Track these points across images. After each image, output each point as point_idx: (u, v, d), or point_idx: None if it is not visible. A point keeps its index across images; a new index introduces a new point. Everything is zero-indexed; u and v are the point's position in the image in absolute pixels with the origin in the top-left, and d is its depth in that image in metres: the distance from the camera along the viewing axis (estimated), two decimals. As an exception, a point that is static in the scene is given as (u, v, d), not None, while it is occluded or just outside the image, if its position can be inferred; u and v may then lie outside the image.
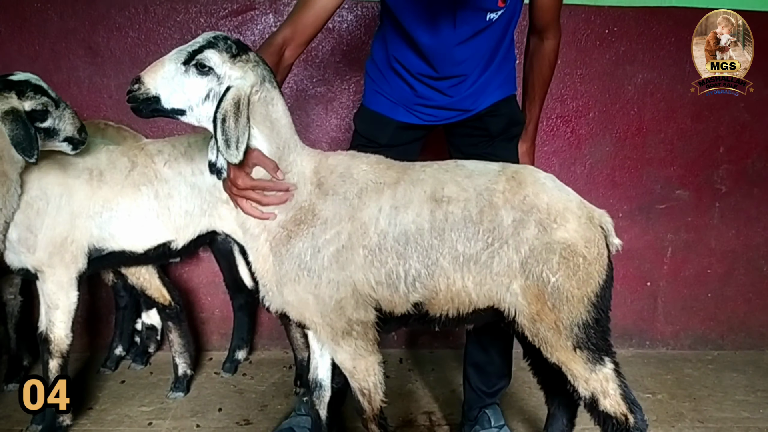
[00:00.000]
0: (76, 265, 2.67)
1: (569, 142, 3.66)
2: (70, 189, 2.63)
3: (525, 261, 1.88)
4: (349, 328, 1.97)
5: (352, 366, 2.05)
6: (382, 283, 1.92)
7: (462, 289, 1.92)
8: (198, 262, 3.65)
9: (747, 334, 3.94)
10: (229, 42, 1.84)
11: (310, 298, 1.93)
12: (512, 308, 1.94)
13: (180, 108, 1.84)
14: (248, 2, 3.43)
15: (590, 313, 1.91)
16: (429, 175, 1.98)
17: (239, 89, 1.80)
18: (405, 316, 2.02)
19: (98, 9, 3.39)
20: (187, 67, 1.80)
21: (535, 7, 2.38)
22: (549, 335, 1.92)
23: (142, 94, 1.80)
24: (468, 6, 2.19)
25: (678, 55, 3.57)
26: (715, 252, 3.82)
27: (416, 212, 1.91)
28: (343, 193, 1.94)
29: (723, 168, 3.73)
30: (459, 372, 3.46)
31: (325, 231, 1.91)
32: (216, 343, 3.72)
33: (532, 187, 1.93)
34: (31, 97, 2.43)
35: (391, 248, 1.90)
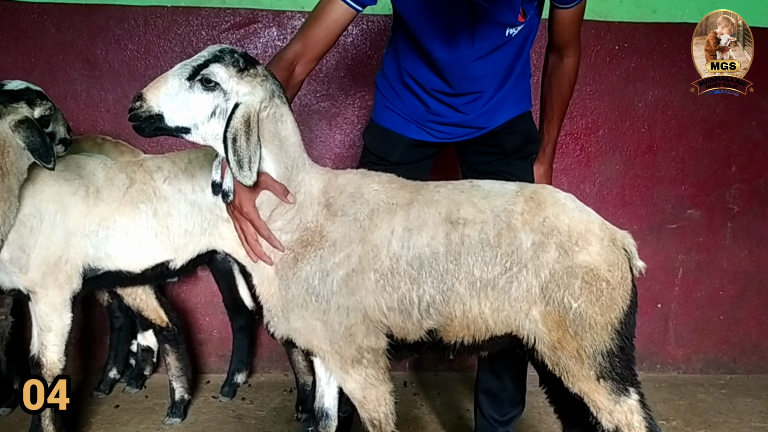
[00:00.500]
0: (70, 286, 2.56)
1: (578, 160, 3.58)
2: (65, 206, 2.52)
3: (545, 286, 1.79)
4: (359, 356, 1.87)
5: (362, 396, 1.94)
6: (394, 309, 1.83)
7: (479, 316, 1.83)
8: (196, 281, 3.54)
9: (760, 358, 3.84)
10: (236, 55, 1.75)
11: (318, 325, 1.84)
12: (531, 335, 1.84)
13: (185, 126, 1.74)
14: (251, 15, 3.36)
15: (614, 340, 1.81)
16: (444, 195, 1.90)
17: (249, 106, 1.71)
18: (418, 344, 1.93)
19: (96, 20, 3.31)
20: (191, 83, 1.70)
21: (555, 23, 2.30)
22: (571, 364, 1.82)
23: (145, 112, 1.71)
24: (487, 20, 2.11)
25: (689, 72, 3.48)
26: (727, 273, 3.73)
27: (431, 235, 1.83)
28: (353, 214, 1.85)
29: (735, 187, 3.65)
30: (466, 396, 3.37)
31: (334, 254, 1.82)
32: (214, 366, 3.60)
33: (552, 208, 1.85)
34: (38, 104, 2.43)
35: (404, 272, 1.82)
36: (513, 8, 2.11)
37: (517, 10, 2.12)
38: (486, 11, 2.08)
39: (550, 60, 2.42)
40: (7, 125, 2.32)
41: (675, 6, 3.46)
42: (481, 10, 2.08)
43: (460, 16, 2.12)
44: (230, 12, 3.34)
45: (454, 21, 2.13)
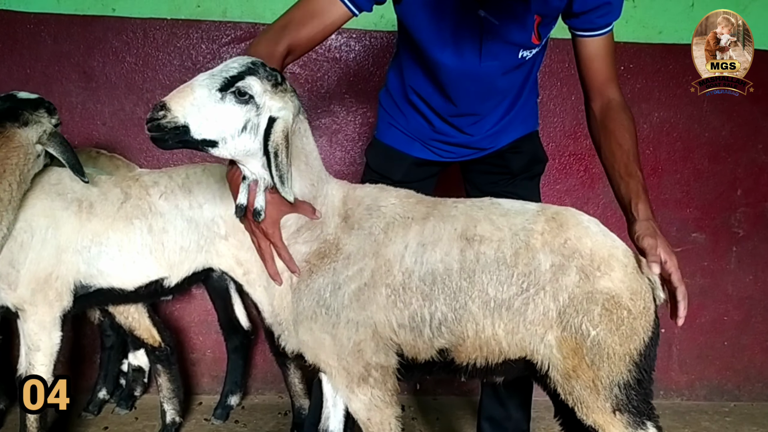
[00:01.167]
0: (60, 304, 2.47)
1: (582, 181, 3.52)
2: (57, 221, 2.45)
3: (563, 310, 1.71)
4: (366, 374, 1.79)
5: (366, 417, 1.85)
6: (405, 326, 1.77)
7: (492, 337, 1.75)
8: (190, 299, 3.46)
9: (765, 385, 3.77)
10: (269, 69, 1.66)
11: (327, 338, 1.78)
12: (546, 361, 1.75)
13: (212, 139, 1.62)
14: (252, 29, 3.31)
15: (632, 372, 1.72)
16: (461, 211, 1.83)
17: (286, 121, 1.65)
18: (429, 364, 1.84)
19: (94, 32, 3.26)
20: (223, 94, 1.60)
21: (586, 59, 2.07)
22: (585, 394, 1.73)
23: (169, 122, 1.57)
24: (497, 39, 2.03)
25: (695, 95, 3.43)
26: (732, 298, 3.67)
27: (445, 251, 1.76)
28: (368, 227, 1.80)
29: (740, 211, 3.60)
30: (466, 421, 3.29)
31: (348, 267, 1.76)
32: (207, 387, 3.50)
33: (575, 230, 1.76)
34: (53, 112, 2.42)
35: (416, 288, 1.75)
36: (526, 28, 2.03)
37: (531, 30, 2.03)
38: (496, 29, 2.01)
39: (593, 108, 2.08)
40: (34, 134, 2.27)
41: (681, 27, 3.42)
42: (490, 27, 2.01)
43: (469, 32, 2.04)
44: (231, 25, 3.30)
45: (463, 36, 2.05)
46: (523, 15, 1.99)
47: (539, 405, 3.45)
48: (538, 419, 3.36)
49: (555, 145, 3.48)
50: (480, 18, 1.99)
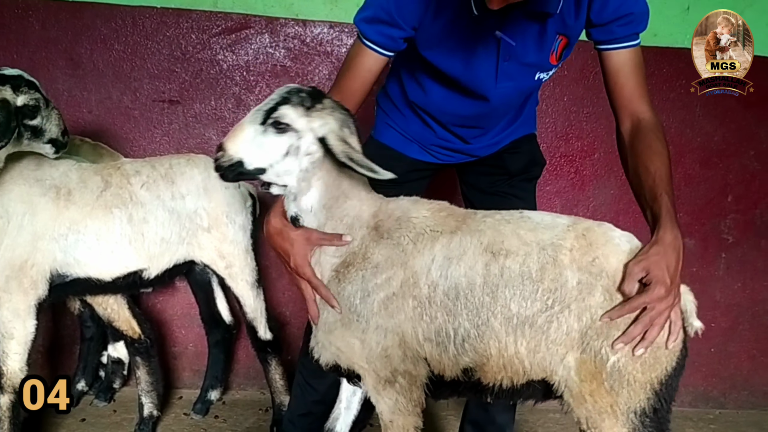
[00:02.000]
0: (35, 292, 2.44)
1: (572, 183, 3.49)
2: (34, 207, 2.41)
3: (585, 332, 1.65)
4: (392, 379, 1.82)
5: (389, 419, 1.89)
6: (431, 341, 1.77)
7: (515, 356, 1.71)
8: (173, 292, 3.42)
9: (750, 393, 3.74)
10: (303, 94, 1.78)
11: (357, 343, 1.83)
12: (563, 383, 1.71)
13: (262, 167, 1.78)
14: (243, 20, 3.27)
15: (650, 400, 1.67)
16: (489, 225, 1.80)
17: (333, 131, 1.76)
18: (455, 383, 1.83)
19: (83, 19, 3.21)
20: (265, 127, 1.76)
21: (614, 74, 1.96)
22: (599, 420, 1.69)
23: (226, 161, 1.76)
24: (513, 60, 2.00)
25: (688, 99, 3.45)
26: (719, 305, 3.64)
27: (469, 265, 1.74)
28: (397, 238, 1.82)
29: (730, 217, 3.58)
30: (448, 422, 3.28)
31: (376, 275, 1.80)
32: (187, 381, 3.46)
33: (603, 249, 1.69)
34: (25, 92, 2.36)
35: (441, 303, 1.75)
36: (543, 49, 1.99)
37: (548, 50, 1.99)
38: (512, 50, 1.97)
39: (622, 129, 1.96)
40: None
41: (676, 31, 3.40)
42: (507, 48, 1.97)
43: (486, 53, 2.00)
44: (222, 16, 3.25)
45: (479, 57, 2.01)
46: (541, 36, 1.96)
47: (522, 408, 3.44)
48: (521, 422, 3.34)
49: (546, 146, 3.44)
50: (497, 39, 1.96)
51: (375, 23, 1.97)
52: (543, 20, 1.91)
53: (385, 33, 1.98)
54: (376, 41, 2.00)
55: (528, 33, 1.94)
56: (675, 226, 1.68)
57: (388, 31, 1.98)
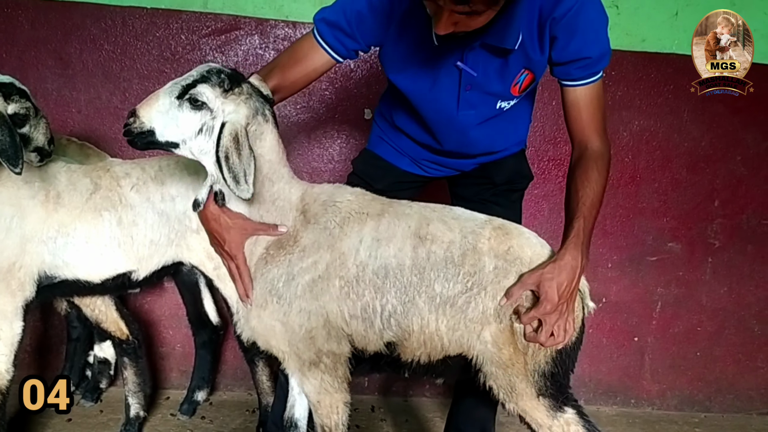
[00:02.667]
0: (22, 294, 2.42)
1: (561, 186, 3.49)
2: (22, 210, 2.39)
3: (499, 308, 1.84)
4: (317, 360, 1.91)
5: (316, 400, 1.98)
6: (357, 317, 1.88)
7: (435, 332, 1.87)
8: (161, 292, 3.42)
9: (735, 397, 3.78)
10: (223, 75, 1.81)
11: (278, 326, 1.90)
12: (481, 356, 1.88)
13: (174, 141, 1.84)
14: (233, 22, 3.26)
15: (549, 364, 1.89)
16: (415, 210, 1.95)
17: (234, 123, 1.78)
18: (377, 357, 1.95)
19: (72, 18, 3.20)
20: (180, 101, 1.80)
21: (570, 107, 2.01)
22: (516, 381, 1.88)
23: (137, 127, 1.81)
24: (475, 89, 2.04)
25: (676, 104, 3.47)
26: (705, 309, 3.67)
27: (398, 247, 1.87)
28: (324, 222, 1.91)
29: (717, 222, 3.60)
30: (435, 424, 3.28)
31: (302, 259, 1.88)
32: (175, 381, 3.47)
33: (518, 240, 1.90)
34: (15, 101, 2.33)
35: (369, 281, 1.86)
36: (505, 80, 2.03)
37: (510, 82, 2.03)
38: (474, 80, 2.01)
39: (572, 156, 2.03)
40: None
41: (664, 36, 3.42)
42: (469, 78, 2.01)
43: (448, 81, 2.04)
44: (212, 17, 3.25)
45: (441, 85, 2.06)
46: (503, 67, 2.00)
47: (509, 410, 3.46)
48: (507, 424, 3.35)
49: (534, 149, 3.46)
50: (458, 69, 2.00)
51: (334, 28, 2.01)
52: (504, 56, 1.96)
53: (340, 40, 2.02)
54: (330, 44, 2.04)
55: (490, 64, 1.98)
56: (578, 248, 1.82)
57: (344, 40, 2.02)
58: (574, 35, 1.89)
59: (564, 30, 1.88)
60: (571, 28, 1.88)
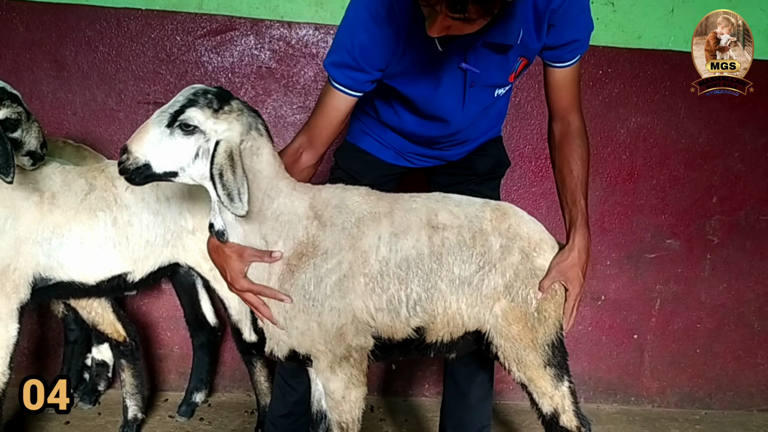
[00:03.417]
0: (17, 296, 2.42)
1: (558, 185, 3.49)
2: (16, 211, 2.39)
3: (509, 284, 1.97)
4: (347, 355, 1.97)
5: (342, 396, 2.01)
6: (382, 310, 1.94)
7: (456, 312, 1.98)
8: (159, 294, 3.41)
9: (736, 394, 3.76)
10: (210, 96, 1.80)
11: (315, 326, 1.94)
12: (493, 329, 2.00)
13: (172, 170, 1.82)
14: (228, 22, 3.26)
15: (557, 333, 2.04)
16: (421, 204, 2.03)
17: (229, 141, 1.78)
18: (406, 342, 2.02)
19: (67, 20, 3.20)
20: (171, 129, 1.78)
21: (553, 87, 2.15)
22: (524, 354, 2.01)
23: (132, 164, 1.79)
24: (478, 85, 2.09)
25: (673, 100, 3.46)
26: (705, 306, 3.66)
27: (415, 238, 1.96)
28: (341, 223, 1.95)
29: (715, 219, 3.59)
30: (434, 423, 3.25)
31: (327, 261, 1.92)
32: (173, 383, 3.46)
33: (514, 218, 2.04)
34: (7, 105, 2.32)
35: (393, 274, 1.93)
36: (505, 71, 2.08)
37: (509, 71, 2.08)
38: (477, 76, 2.05)
39: (554, 130, 2.19)
40: None
41: (660, 33, 3.41)
42: (473, 76, 2.05)
43: (452, 83, 2.07)
44: (207, 18, 3.25)
45: (445, 87, 2.08)
46: (503, 61, 2.04)
47: (509, 408, 3.46)
48: (507, 422, 3.35)
49: (531, 147, 3.46)
50: (463, 71, 2.03)
51: (342, 68, 2.00)
52: (505, 51, 2.00)
53: (351, 77, 2.01)
54: (343, 84, 2.03)
55: (491, 59, 2.01)
56: (587, 229, 2.04)
57: (354, 75, 2.01)
58: (570, 21, 1.98)
59: (561, 18, 1.96)
60: (568, 15, 1.96)
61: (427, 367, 3.59)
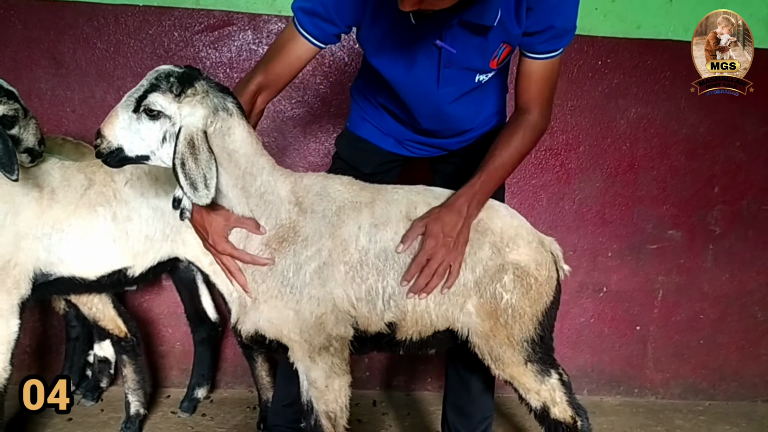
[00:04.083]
0: (18, 291, 2.42)
1: (558, 177, 3.49)
2: (16, 207, 2.39)
3: (479, 280, 1.96)
4: (327, 344, 1.96)
5: (325, 385, 2.01)
6: (362, 300, 1.94)
7: (425, 310, 1.96)
8: (159, 290, 3.40)
9: (739, 384, 3.75)
10: (172, 79, 1.78)
11: (291, 314, 1.92)
12: (466, 328, 2.00)
13: (143, 154, 1.83)
14: (226, 17, 3.25)
15: (537, 330, 2.02)
16: (401, 196, 2.03)
17: (189, 128, 1.76)
18: (378, 336, 2.02)
19: (65, 18, 3.19)
20: (138, 114, 1.78)
21: (522, 76, 2.06)
22: (501, 351, 2.00)
23: (105, 148, 1.82)
24: (454, 66, 2.05)
25: (673, 90, 3.45)
26: (707, 296, 3.65)
27: (394, 230, 1.96)
28: (321, 211, 1.95)
29: (717, 209, 3.58)
30: (437, 417, 3.23)
31: (306, 248, 1.91)
32: (175, 380, 3.45)
33: (486, 212, 2.02)
34: (4, 102, 2.33)
35: (372, 265, 1.93)
36: (484, 55, 2.04)
37: (489, 56, 2.04)
38: (453, 57, 2.02)
39: (513, 115, 2.12)
40: None
41: (660, 22, 3.39)
42: (448, 56, 2.02)
43: (426, 60, 2.05)
44: (204, 13, 3.24)
45: (420, 64, 2.06)
46: (483, 43, 2.00)
47: (511, 401, 3.45)
48: (509, 415, 3.34)
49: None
50: (438, 48, 2.00)
51: (312, 16, 2.01)
52: (484, 33, 1.95)
53: (319, 26, 2.02)
54: (310, 32, 2.03)
55: (469, 41, 1.98)
56: (468, 198, 1.94)
57: (322, 25, 2.02)
58: (550, 7, 1.91)
59: (540, 1, 1.90)
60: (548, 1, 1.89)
61: (429, 362, 3.58)
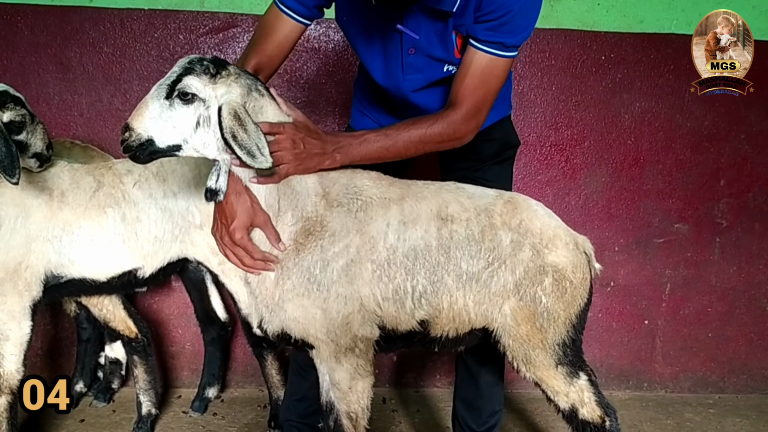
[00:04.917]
0: (30, 293, 2.45)
1: (563, 172, 3.50)
2: (27, 210, 2.42)
3: (519, 282, 1.94)
4: (353, 345, 1.92)
5: (349, 386, 1.97)
6: (388, 299, 1.90)
7: (463, 308, 1.94)
8: (169, 291, 3.43)
9: (749, 377, 3.75)
10: (205, 62, 1.77)
11: (318, 313, 1.88)
12: (500, 329, 1.98)
13: (175, 143, 1.77)
14: (230, 19, 3.28)
15: (569, 333, 2.01)
16: (432, 193, 1.99)
17: (230, 103, 1.74)
18: (410, 334, 1.99)
19: (71, 23, 3.22)
20: (170, 101, 1.74)
21: (459, 68, 1.99)
22: (533, 354, 1.98)
23: (135, 140, 1.75)
24: (418, 52, 2.04)
25: (677, 84, 3.45)
26: (715, 289, 3.65)
27: (424, 229, 1.92)
28: (347, 205, 1.90)
29: (724, 201, 3.58)
30: (447, 414, 3.26)
31: (334, 243, 1.87)
32: (186, 380, 3.48)
33: (527, 212, 2.00)
34: (11, 108, 2.34)
35: (400, 263, 1.90)
36: (446, 44, 2.02)
37: (452, 46, 2.01)
38: (417, 43, 2.02)
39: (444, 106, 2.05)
40: None
41: (662, 17, 3.40)
42: (411, 41, 2.02)
43: (390, 45, 2.06)
44: (209, 16, 3.27)
45: (386, 48, 2.07)
46: (443, 32, 1.99)
47: (521, 397, 3.46)
48: (519, 410, 3.35)
49: (536, 135, 3.46)
50: (399, 33, 2.00)
51: None
52: (444, 19, 1.94)
53: (300, 1, 2.03)
54: (291, 7, 2.05)
55: (431, 28, 1.98)
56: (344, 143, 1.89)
57: None
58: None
59: None
60: None
61: (439, 358, 3.59)
